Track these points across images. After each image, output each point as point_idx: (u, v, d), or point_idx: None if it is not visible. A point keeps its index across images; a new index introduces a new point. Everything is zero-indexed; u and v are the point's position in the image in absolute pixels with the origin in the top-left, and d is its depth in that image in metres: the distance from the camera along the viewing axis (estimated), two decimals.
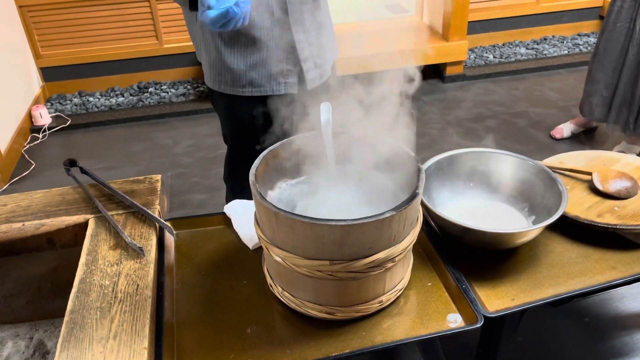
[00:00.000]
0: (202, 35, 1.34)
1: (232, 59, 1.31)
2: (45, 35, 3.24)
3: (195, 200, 2.48)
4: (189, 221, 1.20)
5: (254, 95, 1.36)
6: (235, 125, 1.46)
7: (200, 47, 1.38)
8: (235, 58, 1.31)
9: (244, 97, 1.37)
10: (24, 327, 1.21)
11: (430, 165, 1.18)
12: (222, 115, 1.48)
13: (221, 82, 1.36)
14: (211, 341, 0.92)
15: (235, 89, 1.36)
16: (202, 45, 1.36)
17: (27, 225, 1.09)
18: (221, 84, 1.36)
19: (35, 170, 2.77)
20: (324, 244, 0.84)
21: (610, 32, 2.35)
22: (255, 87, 1.35)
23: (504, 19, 3.77)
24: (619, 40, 2.33)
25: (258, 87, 1.35)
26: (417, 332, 0.93)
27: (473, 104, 3.21)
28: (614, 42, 2.35)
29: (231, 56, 1.31)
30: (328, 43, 1.42)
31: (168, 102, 3.31)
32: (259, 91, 1.35)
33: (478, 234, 1.02)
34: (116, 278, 0.95)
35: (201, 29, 1.33)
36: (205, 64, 1.39)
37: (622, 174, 1.23)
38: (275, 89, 1.36)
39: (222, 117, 1.49)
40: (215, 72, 1.36)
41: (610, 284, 1.04)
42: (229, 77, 1.34)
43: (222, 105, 1.43)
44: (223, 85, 1.36)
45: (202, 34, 1.33)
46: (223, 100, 1.41)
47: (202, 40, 1.34)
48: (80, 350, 0.82)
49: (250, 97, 1.36)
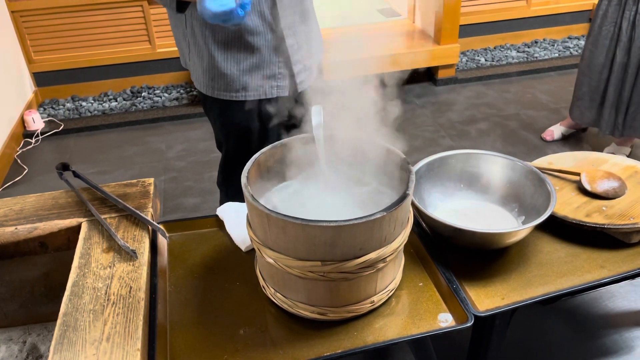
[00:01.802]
0: (193, 40, 1.34)
1: (225, 64, 1.32)
2: (38, 40, 3.23)
3: (188, 204, 2.48)
4: (182, 224, 1.20)
5: (248, 100, 1.37)
6: (230, 131, 1.46)
7: (191, 53, 1.38)
8: (229, 63, 1.32)
9: (237, 102, 1.38)
10: (17, 331, 1.21)
11: (421, 167, 1.19)
12: (216, 121, 1.48)
13: (214, 88, 1.37)
14: (204, 343, 0.93)
15: (229, 94, 1.37)
16: (194, 50, 1.36)
17: (19, 229, 1.09)
18: (214, 89, 1.37)
19: (28, 175, 2.76)
20: (316, 245, 0.85)
21: (597, 36, 2.38)
22: (248, 91, 1.36)
23: (495, 22, 3.80)
24: (604, 44, 2.36)
25: (252, 91, 1.36)
26: (409, 331, 0.94)
27: (465, 106, 3.23)
28: (600, 46, 2.37)
29: (224, 61, 1.32)
30: (315, 45, 1.44)
31: (161, 107, 3.31)
32: (253, 95, 1.37)
33: (468, 234, 1.03)
34: (109, 281, 0.95)
35: (192, 34, 1.33)
36: (197, 70, 1.39)
37: (609, 174, 1.25)
38: (268, 93, 1.37)
39: (217, 124, 1.49)
40: (208, 78, 1.36)
41: (598, 283, 1.06)
42: (222, 82, 1.35)
43: (217, 111, 1.44)
44: (217, 90, 1.37)
45: (194, 38, 1.33)
46: (217, 106, 1.41)
47: (194, 45, 1.35)
48: (73, 352, 0.82)
49: (244, 102, 1.37)
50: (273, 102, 1.40)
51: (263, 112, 1.40)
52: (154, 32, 3.33)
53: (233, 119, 1.42)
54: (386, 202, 0.89)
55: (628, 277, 1.08)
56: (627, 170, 1.29)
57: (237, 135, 1.45)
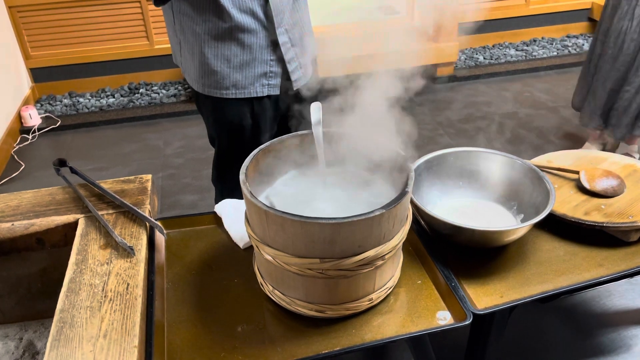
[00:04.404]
0: (184, 37, 1.33)
1: (215, 61, 1.32)
2: (35, 36, 3.22)
3: (186, 201, 2.47)
4: (180, 220, 1.20)
5: (238, 98, 1.37)
6: (222, 128, 1.46)
7: (183, 50, 1.37)
8: (219, 60, 1.32)
9: (229, 100, 1.37)
10: (13, 328, 1.21)
11: (420, 165, 1.18)
12: (208, 118, 1.48)
13: (205, 85, 1.37)
14: (202, 340, 0.93)
15: (219, 91, 1.36)
16: (186, 48, 1.35)
17: (16, 225, 1.08)
18: (205, 86, 1.37)
19: (25, 171, 2.75)
20: (314, 242, 0.84)
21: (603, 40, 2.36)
22: (239, 89, 1.36)
23: (494, 20, 3.80)
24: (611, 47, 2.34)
25: (242, 89, 1.36)
26: (407, 329, 0.94)
27: (463, 104, 3.23)
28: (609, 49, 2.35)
29: (215, 58, 1.32)
30: (309, 42, 1.43)
31: (159, 103, 3.30)
32: (243, 93, 1.36)
33: (467, 232, 1.03)
34: (106, 277, 0.95)
35: (182, 30, 1.32)
36: (189, 67, 1.38)
37: (608, 173, 1.25)
38: (259, 91, 1.37)
39: (209, 120, 1.49)
40: (199, 75, 1.36)
41: (597, 281, 1.06)
42: (213, 79, 1.35)
43: (209, 108, 1.43)
44: (207, 87, 1.37)
45: (184, 35, 1.33)
46: (209, 103, 1.41)
47: (185, 42, 1.34)
48: (70, 349, 0.82)
49: (235, 99, 1.37)
50: (266, 100, 1.39)
51: (256, 109, 1.39)
52: (152, 28, 3.32)
53: (225, 116, 1.41)
54: (385, 199, 0.89)
55: (626, 275, 1.08)
56: (626, 169, 1.29)
57: (230, 133, 1.45)
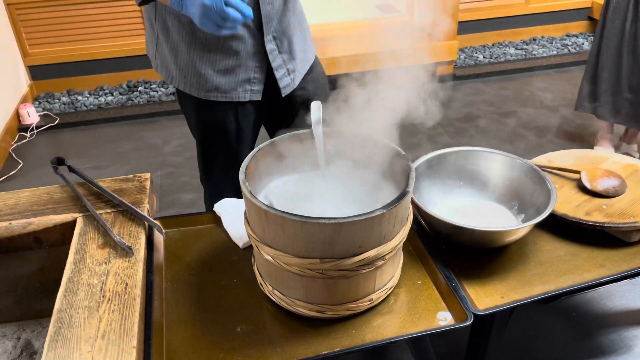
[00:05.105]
0: (165, 35, 1.32)
1: (200, 63, 1.30)
2: (34, 34, 3.21)
3: (184, 199, 2.46)
4: (179, 220, 1.19)
5: (219, 101, 1.36)
6: (203, 129, 1.45)
7: (162, 48, 1.35)
8: (204, 63, 1.31)
9: (212, 102, 1.36)
10: (11, 327, 1.20)
11: (421, 164, 1.18)
12: (190, 117, 1.47)
13: (187, 84, 1.35)
14: (201, 340, 0.92)
15: (200, 92, 1.35)
16: (166, 46, 1.33)
17: (14, 224, 1.08)
18: (187, 85, 1.35)
19: (23, 169, 2.74)
20: (314, 242, 0.84)
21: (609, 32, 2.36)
22: (221, 92, 1.34)
23: (493, 19, 3.79)
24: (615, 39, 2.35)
25: (224, 93, 1.34)
26: (407, 330, 0.94)
27: (463, 103, 3.23)
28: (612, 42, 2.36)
29: (199, 60, 1.30)
30: (302, 47, 1.41)
31: (157, 102, 3.29)
32: (225, 97, 1.35)
33: (468, 232, 1.03)
34: (104, 277, 0.94)
35: (164, 28, 1.31)
36: (169, 66, 1.36)
37: (610, 173, 1.24)
38: (242, 96, 1.36)
39: (191, 120, 1.47)
40: (181, 75, 1.34)
41: (598, 282, 1.05)
42: (195, 80, 1.33)
43: (191, 107, 1.42)
44: (189, 87, 1.35)
45: (166, 33, 1.31)
46: (192, 102, 1.40)
47: (166, 41, 1.32)
48: (68, 349, 0.81)
49: (218, 102, 1.36)
50: (249, 105, 1.38)
51: (239, 114, 1.38)
52: None
53: (206, 117, 1.40)
54: (385, 199, 0.88)
55: (628, 276, 1.08)
56: (627, 169, 1.28)
57: (210, 133, 1.44)
